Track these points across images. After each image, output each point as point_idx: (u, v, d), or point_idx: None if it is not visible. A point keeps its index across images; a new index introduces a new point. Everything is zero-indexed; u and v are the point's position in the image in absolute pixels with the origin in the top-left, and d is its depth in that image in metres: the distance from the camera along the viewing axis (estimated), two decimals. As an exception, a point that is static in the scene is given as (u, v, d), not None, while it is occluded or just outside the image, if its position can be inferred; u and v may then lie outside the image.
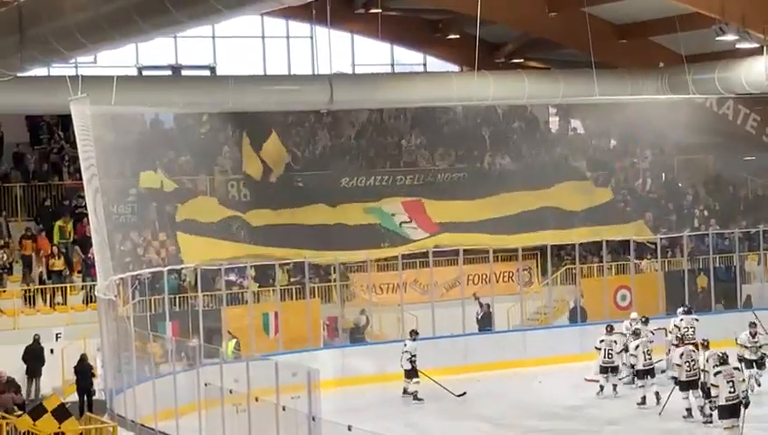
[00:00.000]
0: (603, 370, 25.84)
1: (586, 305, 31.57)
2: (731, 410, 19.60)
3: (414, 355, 26.27)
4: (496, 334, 30.43)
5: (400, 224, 32.78)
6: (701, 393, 22.09)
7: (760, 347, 24.95)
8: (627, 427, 22.81)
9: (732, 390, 19.71)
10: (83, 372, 25.84)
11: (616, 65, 32.48)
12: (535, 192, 33.76)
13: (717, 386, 19.83)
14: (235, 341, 26.83)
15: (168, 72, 35.00)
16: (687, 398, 22.46)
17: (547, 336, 30.05)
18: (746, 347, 24.76)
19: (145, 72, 34.62)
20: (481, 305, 30.77)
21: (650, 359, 24.73)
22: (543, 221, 32.92)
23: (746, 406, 19.61)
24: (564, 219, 33.19)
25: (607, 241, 32.64)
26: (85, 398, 25.56)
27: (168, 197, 31.01)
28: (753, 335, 24.92)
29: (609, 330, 26.26)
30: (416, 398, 26.00)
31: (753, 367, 24.53)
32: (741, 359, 24.12)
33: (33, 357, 27.01)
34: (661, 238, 33.40)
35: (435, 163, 35.84)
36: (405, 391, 26.27)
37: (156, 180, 30.90)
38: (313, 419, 16.50)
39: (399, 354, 26.27)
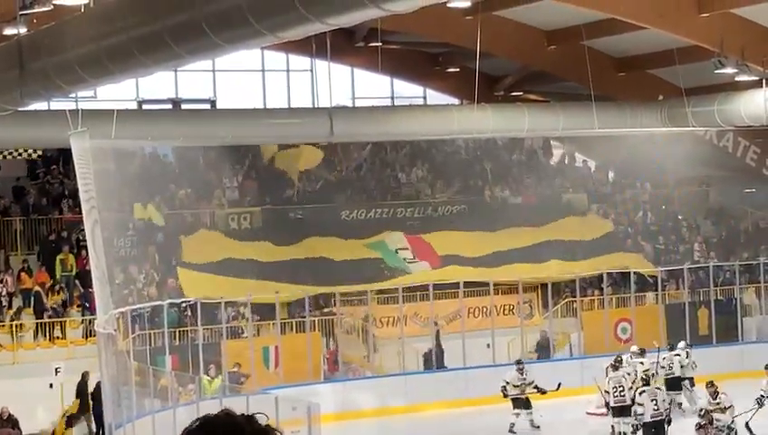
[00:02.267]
0: (616, 412, 24.62)
1: (586, 338, 31.50)
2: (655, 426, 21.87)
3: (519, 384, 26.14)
4: (498, 367, 30.26)
5: (404, 259, 32.70)
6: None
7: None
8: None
9: (656, 408, 22.00)
10: (98, 398, 25.73)
11: (615, 98, 32.54)
12: (536, 226, 33.76)
13: (642, 404, 22.07)
14: (219, 377, 26.53)
15: (169, 106, 35.05)
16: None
17: (548, 369, 29.95)
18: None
19: (145, 106, 34.67)
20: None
21: (622, 395, 24.26)
22: (544, 254, 32.89)
23: (669, 423, 21.88)
24: (565, 252, 33.18)
25: (607, 274, 32.62)
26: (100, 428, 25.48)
27: (167, 230, 31.01)
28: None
29: (617, 364, 25.51)
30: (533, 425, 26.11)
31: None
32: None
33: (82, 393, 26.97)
34: (661, 271, 33.36)
35: (435, 196, 35.83)
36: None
37: (146, 214, 30.93)
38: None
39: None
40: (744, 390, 24.22)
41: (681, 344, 28.07)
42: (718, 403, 21.43)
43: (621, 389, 24.63)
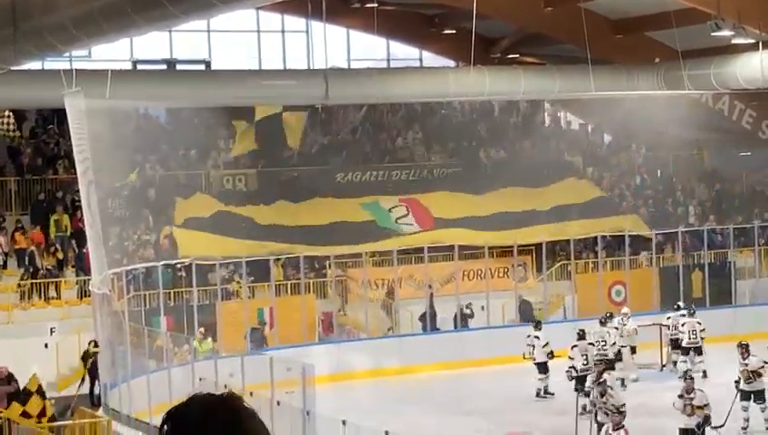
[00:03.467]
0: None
1: (580, 301, 31.57)
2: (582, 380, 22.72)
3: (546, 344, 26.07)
4: (491, 329, 30.38)
5: (396, 220, 32.75)
6: None
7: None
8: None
9: (585, 362, 23.38)
10: (95, 360, 25.84)
11: (612, 61, 32.50)
12: (530, 188, 33.77)
13: (573, 358, 23.55)
14: (209, 339, 26.60)
15: (163, 67, 34.95)
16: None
17: (542, 332, 29.96)
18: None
19: (140, 67, 34.54)
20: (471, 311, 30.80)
21: (605, 350, 24.94)
22: (538, 217, 32.90)
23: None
24: (559, 215, 33.19)
25: (602, 236, 32.67)
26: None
27: (161, 191, 31.01)
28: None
29: (605, 320, 26.19)
30: (546, 392, 25.80)
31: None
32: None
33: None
34: (656, 234, 33.40)
35: (430, 158, 35.82)
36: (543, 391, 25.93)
37: (139, 175, 30.99)
38: (308, 413, 16.51)
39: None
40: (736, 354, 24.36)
41: (625, 310, 27.87)
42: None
43: (604, 343, 25.58)
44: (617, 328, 26.36)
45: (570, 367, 23.80)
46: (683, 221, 35.19)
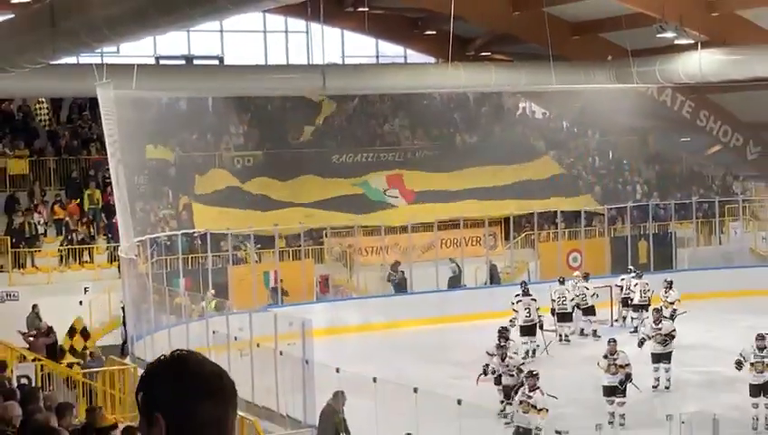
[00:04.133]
0: (559, 317, 25.76)
1: (542, 266, 31.63)
2: (528, 330, 23.04)
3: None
4: (467, 290, 30.49)
5: (384, 191, 32.88)
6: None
7: None
8: (572, 371, 22.66)
9: (528, 314, 23.66)
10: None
11: (570, 58, 32.44)
12: (499, 167, 33.87)
13: (517, 311, 23.83)
14: (215, 301, 26.55)
15: (182, 62, 34.83)
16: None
17: (511, 292, 29.97)
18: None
19: (162, 61, 34.41)
20: (458, 266, 30.83)
21: (564, 305, 25.27)
22: (506, 193, 32.99)
23: (541, 328, 22.65)
24: (524, 192, 33.25)
25: (561, 211, 32.73)
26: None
27: (179, 169, 30.97)
28: None
29: (562, 281, 26.30)
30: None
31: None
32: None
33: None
34: (608, 208, 33.46)
35: (413, 142, 35.85)
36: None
37: (160, 154, 30.92)
38: (306, 362, 16.53)
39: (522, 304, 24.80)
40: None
41: (576, 274, 27.94)
42: (659, 329, 20.56)
43: (564, 299, 25.77)
44: (588, 288, 26.38)
45: (511, 319, 23.76)
46: (631, 197, 35.25)
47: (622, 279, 27.70)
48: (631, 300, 26.86)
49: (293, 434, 15.79)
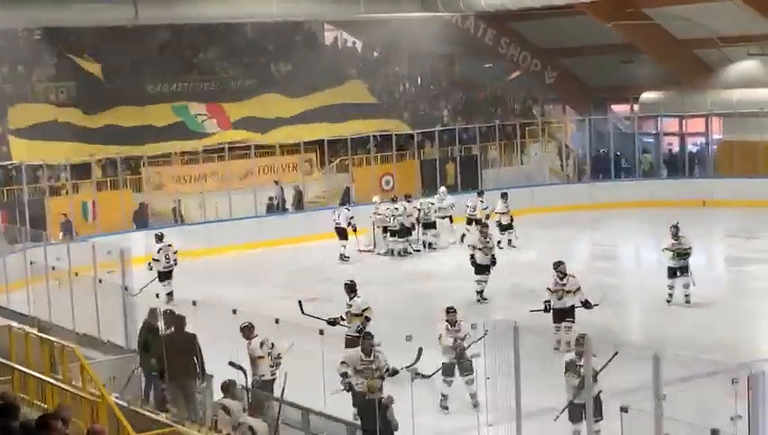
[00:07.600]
0: (393, 233, 26.55)
1: (357, 189, 31.76)
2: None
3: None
4: (286, 215, 30.38)
5: (202, 121, 32.29)
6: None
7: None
8: (393, 287, 23.00)
9: (168, 262, 22.34)
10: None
11: (379, -12, 32.39)
12: (312, 94, 33.75)
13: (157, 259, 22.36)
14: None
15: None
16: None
17: (326, 215, 30.03)
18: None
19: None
20: (282, 189, 30.68)
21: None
22: (320, 118, 32.95)
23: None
24: (338, 117, 33.24)
25: (373, 136, 32.89)
26: None
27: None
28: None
29: (395, 199, 27.19)
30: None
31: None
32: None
33: None
34: (417, 133, 33.81)
35: (228, 72, 35.28)
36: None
37: None
38: (126, 289, 16.12)
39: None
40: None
41: (442, 189, 28.69)
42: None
43: (400, 216, 26.62)
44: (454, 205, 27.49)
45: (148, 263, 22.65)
46: (438, 122, 35.69)
47: (471, 200, 28.15)
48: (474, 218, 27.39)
49: (116, 359, 15.43)
